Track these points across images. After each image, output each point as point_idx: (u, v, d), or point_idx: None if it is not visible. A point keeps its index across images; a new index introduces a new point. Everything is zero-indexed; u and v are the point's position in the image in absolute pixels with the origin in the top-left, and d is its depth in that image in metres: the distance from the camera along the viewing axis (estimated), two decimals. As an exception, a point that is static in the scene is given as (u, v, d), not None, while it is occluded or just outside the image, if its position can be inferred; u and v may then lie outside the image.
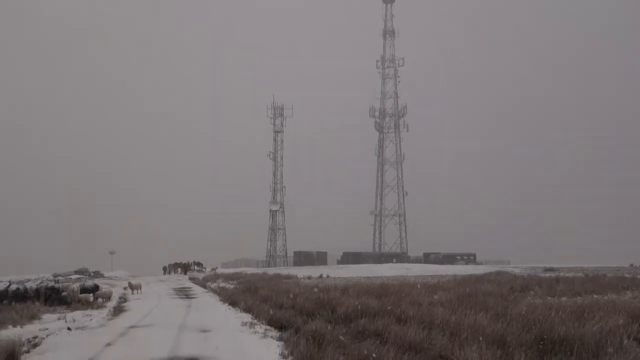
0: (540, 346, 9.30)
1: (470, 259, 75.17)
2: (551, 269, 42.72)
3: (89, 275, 52.16)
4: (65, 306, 22.20)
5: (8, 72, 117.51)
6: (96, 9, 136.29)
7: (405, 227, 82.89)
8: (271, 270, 51.56)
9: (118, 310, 21.79)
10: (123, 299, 26.63)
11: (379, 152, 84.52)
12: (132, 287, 30.89)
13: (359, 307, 14.69)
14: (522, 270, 41.69)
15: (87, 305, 22.57)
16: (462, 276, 32.10)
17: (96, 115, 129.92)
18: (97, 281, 32.65)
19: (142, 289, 30.84)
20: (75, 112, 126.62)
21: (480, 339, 9.69)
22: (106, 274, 56.71)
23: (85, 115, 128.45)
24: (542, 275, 33.15)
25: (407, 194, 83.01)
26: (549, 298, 18.34)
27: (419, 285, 22.35)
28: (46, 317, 18.86)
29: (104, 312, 20.52)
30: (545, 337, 9.46)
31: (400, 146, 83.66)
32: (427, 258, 74.96)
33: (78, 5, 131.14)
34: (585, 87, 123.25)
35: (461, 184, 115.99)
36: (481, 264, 69.22)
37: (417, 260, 72.34)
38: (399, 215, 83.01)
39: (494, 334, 10.08)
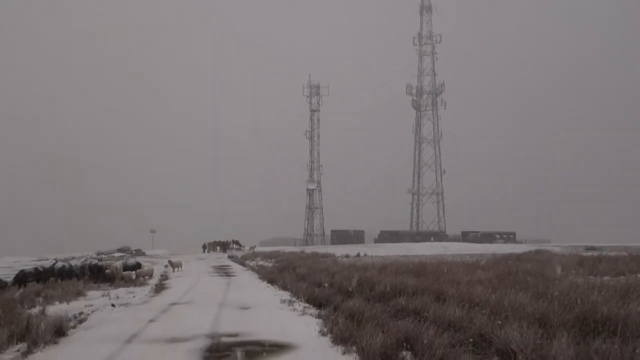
0: (583, 326, 9.17)
1: (509, 237, 74.32)
2: (593, 248, 41.93)
3: (131, 253, 53.30)
4: (108, 283, 22.77)
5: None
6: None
7: (443, 205, 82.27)
8: (309, 249, 51.88)
9: (159, 287, 22.25)
10: (164, 277, 27.15)
11: (416, 130, 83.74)
12: (172, 265, 31.45)
13: (397, 285, 14.70)
14: (562, 249, 41.06)
15: (129, 282, 23.08)
16: (501, 255, 31.77)
17: (132, 102, 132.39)
18: (138, 259, 33.35)
19: (182, 267, 31.38)
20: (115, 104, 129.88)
21: (521, 317, 9.60)
22: (147, 252, 57.81)
23: (123, 103, 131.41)
24: (584, 254, 32.58)
25: (445, 172, 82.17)
26: (591, 277, 18.02)
27: (457, 264, 22.22)
28: (91, 294, 19.39)
29: (146, 290, 20.97)
30: (587, 316, 9.32)
31: (437, 124, 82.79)
32: (465, 237, 74.39)
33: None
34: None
35: (499, 161, 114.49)
36: (520, 242, 68.37)
37: (455, 239, 71.81)
38: (437, 194, 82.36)
39: (535, 313, 9.95)
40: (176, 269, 30.90)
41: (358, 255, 39.40)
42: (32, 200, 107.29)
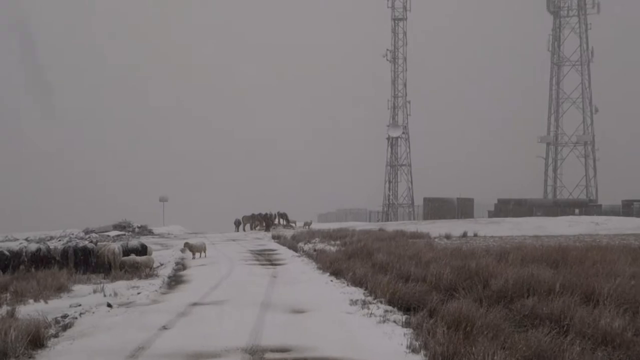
0: None
1: (699, 209, 72.41)
2: None
3: (133, 231, 54.42)
4: (102, 274, 23.38)
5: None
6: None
7: (594, 161, 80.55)
8: (391, 226, 51.88)
9: (175, 280, 22.75)
10: (181, 266, 27.69)
11: (554, 46, 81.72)
12: (191, 248, 31.86)
13: (524, 279, 14.59)
14: None
15: (132, 273, 23.62)
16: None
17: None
18: (144, 240, 34.03)
19: (206, 252, 31.88)
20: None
21: None
22: (156, 229, 58.85)
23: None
24: None
25: (597, 110, 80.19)
26: None
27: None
28: (78, 288, 19.99)
29: (156, 283, 21.44)
30: None
31: (587, 37, 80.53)
32: (628, 208, 72.84)
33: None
34: None
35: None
36: None
37: (612, 212, 70.41)
38: (585, 144, 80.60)
39: None
40: (197, 254, 31.43)
41: (464, 235, 39.21)
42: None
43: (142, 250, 27.15)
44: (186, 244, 33.16)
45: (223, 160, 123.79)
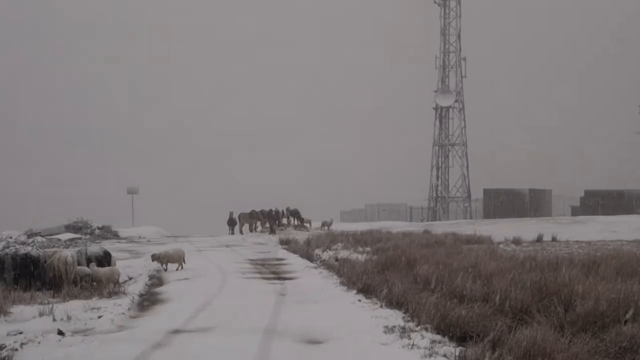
0: None
1: None
2: None
3: (92, 233, 54.49)
4: (51, 291, 23.40)
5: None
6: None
7: None
8: (439, 227, 51.89)
9: (149, 299, 22.78)
10: (156, 280, 27.68)
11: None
12: (160, 259, 30.97)
13: (621, 299, 14.54)
14: None
15: (90, 289, 23.62)
16: None
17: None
18: (107, 246, 34.05)
19: (184, 262, 31.49)
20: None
21: None
22: (123, 231, 58.94)
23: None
24: None
25: None
26: None
27: None
28: (18, 310, 20.01)
29: (123, 304, 21.43)
30: None
31: None
32: None
33: None
34: None
35: None
36: None
37: None
38: None
39: None
40: (178, 266, 31.14)
41: (539, 239, 39.12)
42: None
43: (105, 258, 27.09)
44: (153, 256, 31.86)
45: (221, 153, 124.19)
